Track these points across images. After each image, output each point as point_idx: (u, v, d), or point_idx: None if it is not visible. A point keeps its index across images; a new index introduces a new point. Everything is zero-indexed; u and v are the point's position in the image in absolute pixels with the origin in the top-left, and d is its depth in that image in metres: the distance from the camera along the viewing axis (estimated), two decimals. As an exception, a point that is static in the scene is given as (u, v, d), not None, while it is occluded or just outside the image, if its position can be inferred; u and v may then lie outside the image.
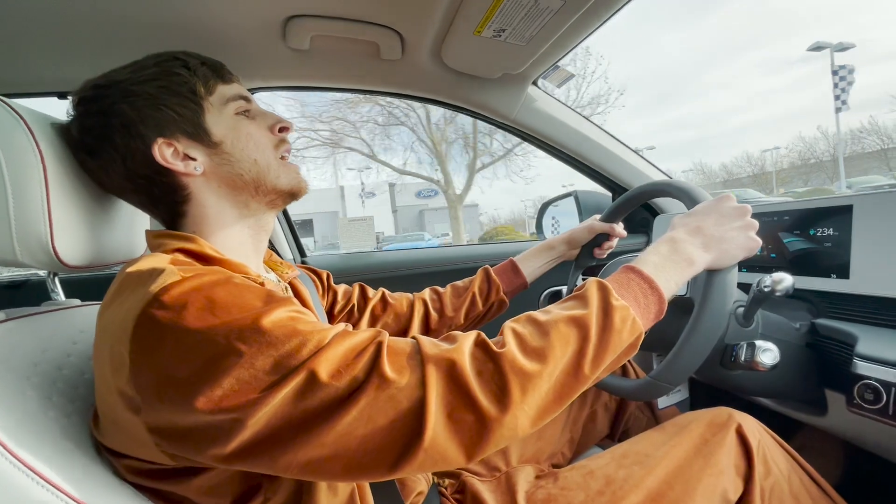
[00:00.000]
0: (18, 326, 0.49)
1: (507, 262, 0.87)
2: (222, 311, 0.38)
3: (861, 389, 0.58)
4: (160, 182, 0.51)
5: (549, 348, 0.41)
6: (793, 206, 0.79)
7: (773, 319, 0.72)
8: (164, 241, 0.49)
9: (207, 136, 0.51)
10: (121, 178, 0.51)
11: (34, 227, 0.47)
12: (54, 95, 0.89)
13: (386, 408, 0.37)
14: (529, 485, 0.65)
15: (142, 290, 0.39)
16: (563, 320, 0.43)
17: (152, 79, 0.50)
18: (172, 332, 0.37)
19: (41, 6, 0.71)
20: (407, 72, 1.01)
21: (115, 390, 0.39)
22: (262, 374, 0.36)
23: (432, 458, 0.37)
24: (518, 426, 0.39)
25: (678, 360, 0.57)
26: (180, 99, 0.50)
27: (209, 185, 0.52)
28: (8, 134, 0.47)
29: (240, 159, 0.52)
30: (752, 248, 0.56)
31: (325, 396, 0.36)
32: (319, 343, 0.38)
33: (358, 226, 2.83)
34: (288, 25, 0.81)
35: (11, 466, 0.37)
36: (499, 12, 0.76)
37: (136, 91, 0.49)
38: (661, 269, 0.50)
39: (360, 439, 0.37)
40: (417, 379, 0.38)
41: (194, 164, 0.51)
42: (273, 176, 0.54)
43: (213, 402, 0.35)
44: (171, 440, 0.38)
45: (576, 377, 0.42)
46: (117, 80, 0.50)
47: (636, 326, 0.46)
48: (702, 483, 0.58)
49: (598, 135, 1.19)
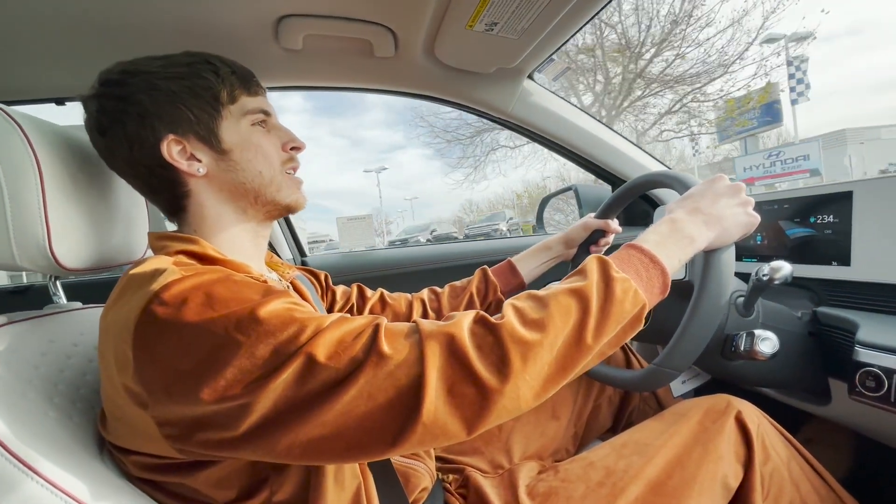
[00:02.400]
0: (19, 329, 0.50)
1: (505, 263, 0.87)
2: (221, 305, 0.39)
3: (863, 377, 0.57)
4: (161, 175, 0.52)
5: (549, 318, 0.41)
6: (792, 193, 0.78)
7: (774, 308, 0.72)
8: (167, 244, 0.50)
9: (218, 141, 0.52)
10: (123, 161, 0.52)
11: (31, 232, 0.48)
12: (51, 102, 0.90)
13: (385, 385, 0.37)
14: (531, 479, 0.65)
15: (144, 289, 0.40)
16: (563, 292, 0.44)
17: (179, 77, 0.51)
18: (173, 327, 0.38)
19: (36, 13, 0.71)
20: (401, 69, 1.01)
21: (122, 388, 0.40)
22: (262, 361, 0.37)
23: (432, 433, 0.38)
24: (521, 397, 0.39)
25: (681, 345, 0.57)
26: (200, 102, 0.51)
27: (210, 187, 0.53)
28: (4, 140, 0.47)
29: (245, 169, 0.54)
30: (751, 224, 0.56)
31: (326, 377, 0.37)
32: (317, 328, 0.39)
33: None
34: (280, 25, 0.81)
35: (13, 467, 0.38)
36: (490, 6, 0.75)
37: (160, 86, 0.50)
38: (661, 245, 0.50)
39: (359, 417, 0.37)
40: (416, 355, 0.38)
41: (198, 166, 0.52)
42: (274, 189, 0.56)
43: (218, 392, 0.36)
44: (179, 432, 0.39)
45: (578, 348, 0.42)
46: (145, 70, 0.51)
47: (638, 298, 0.45)
48: (701, 470, 0.58)
49: (596, 127, 1.18)
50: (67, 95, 0.89)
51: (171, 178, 0.52)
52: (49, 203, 0.49)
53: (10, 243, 0.48)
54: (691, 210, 0.55)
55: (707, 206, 0.55)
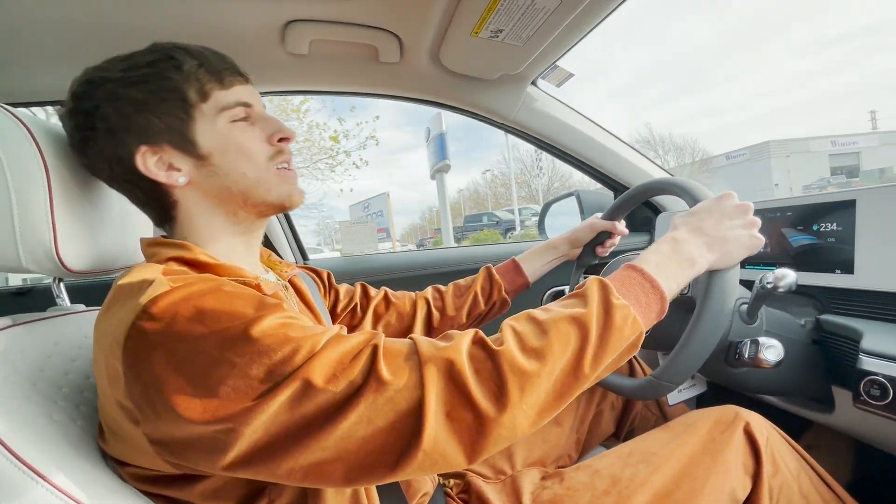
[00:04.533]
0: (25, 332, 0.50)
1: (510, 262, 0.87)
2: (212, 320, 0.37)
3: (867, 385, 0.57)
4: (144, 188, 0.50)
5: (549, 348, 0.41)
6: (796, 201, 0.78)
7: (778, 316, 0.72)
8: (158, 250, 0.49)
9: (194, 147, 0.49)
10: (106, 177, 0.51)
11: (38, 234, 0.48)
12: (57, 104, 0.90)
13: (385, 410, 0.37)
14: (535, 486, 0.65)
15: (131, 302, 0.39)
16: (564, 319, 0.43)
17: (142, 81, 0.47)
18: (163, 344, 0.37)
19: (42, 16, 0.71)
20: (406, 74, 1.01)
21: (115, 402, 0.39)
22: (256, 382, 0.36)
23: (432, 459, 0.37)
24: (517, 426, 0.39)
25: (679, 360, 0.57)
26: (168, 105, 0.48)
27: (195, 194, 0.51)
28: (12, 142, 0.47)
29: (228, 172, 0.50)
30: (755, 246, 0.55)
31: (323, 402, 0.36)
32: (312, 348, 0.38)
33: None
34: (287, 30, 0.82)
35: (16, 469, 0.37)
36: (495, 13, 0.76)
37: (123, 95, 0.47)
38: (662, 268, 0.50)
39: (360, 441, 0.36)
40: (416, 380, 0.38)
41: (178, 175, 0.49)
42: (263, 189, 0.52)
43: (209, 413, 0.35)
44: (171, 451, 0.38)
45: (575, 377, 0.42)
46: (108, 77, 0.48)
47: (637, 325, 0.45)
48: (709, 482, 0.57)
49: (599, 133, 1.19)
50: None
51: (154, 191, 0.50)
52: (56, 205, 0.49)
53: (17, 245, 0.48)
54: (694, 230, 0.54)
55: (711, 228, 0.54)
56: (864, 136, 26.02)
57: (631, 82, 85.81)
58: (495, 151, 58.00)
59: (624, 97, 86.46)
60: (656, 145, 23.28)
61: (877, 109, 30.03)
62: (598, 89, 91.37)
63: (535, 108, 1.13)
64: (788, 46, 65.40)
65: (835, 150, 24.62)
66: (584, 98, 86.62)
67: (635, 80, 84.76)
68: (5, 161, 0.46)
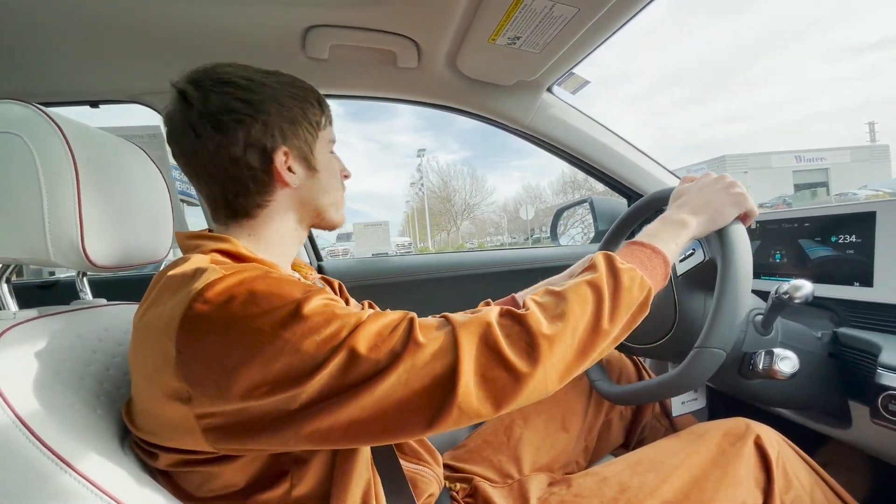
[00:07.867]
0: (50, 323, 0.51)
1: (508, 299, 0.83)
2: (265, 301, 0.40)
3: (885, 400, 0.56)
4: (259, 178, 0.54)
5: (569, 309, 0.45)
6: (814, 212, 0.77)
7: (794, 328, 0.71)
8: (201, 242, 0.51)
9: (313, 161, 0.58)
10: (209, 157, 0.52)
11: (66, 229, 0.50)
12: (86, 104, 0.93)
13: (422, 373, 0.40)
14: (542, 491, 0.65)
15: (185, 288, 0.41)
16: (579, 284, 0.48)
17: (298, 98, 0.56)
18: (219, 324, 0.39)
19: (73, 19, 0.74)
20: (423, 80, 1.03)
21: (159, 385, 0.41)
22: (307, 357, 0.39)
23: (466, 415, 0.40)
24: (547, 379, 0.42)
25: (720, 318, 0.56)
26: (309, 125, 0.57)
27: (292, 198, 0.57)
28: (44, 140, 0.49)
29: (325, 189, 0.59)
30: (740, 202, 0.60)
31: (367, 369, 0.40)
32: (357, 322, 0.41)
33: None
34: (307, 35, 0.84)
35: (42, 455, 0.39)
36: (513, 20, 0.77)
37: (286, 103, 0.55)
38: (657, 236, 0.56)
39: (397, 402, 0.40)
40: (450, 344, 0.41)
41: (293, 178, 0.56)
42: (333, 210, 0.61)
43: (266, 386, 0.38)
44: (223, 427, 0.40)
45: (597, 332, 0.46)
46: (265, 83, 0.54)
47: (644, 284, 0.50)
48: (719, 494, 0.57)
49: (614, 140, 1.19)
50: (101, 98, 0.92)
51: (266, 184, 0.55)
52: (84, 202, 0.51)
53: (46, 239, 0.49)
54: (679, 204, 0.61)
55: (693, 198, 0.61)
56: (832, 151, 25.19)
57: (646, 86, 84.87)
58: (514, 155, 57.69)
59: (639, 103, 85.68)
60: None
61: (876, 121, 29.26)
62: (613, 98, 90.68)
63: (551, 114, 1.13)
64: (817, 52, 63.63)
65: (799, 166, 23.90)
66: (601, 107, 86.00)
67: (651, 85, 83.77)
68: (38, 159, 0.48)
